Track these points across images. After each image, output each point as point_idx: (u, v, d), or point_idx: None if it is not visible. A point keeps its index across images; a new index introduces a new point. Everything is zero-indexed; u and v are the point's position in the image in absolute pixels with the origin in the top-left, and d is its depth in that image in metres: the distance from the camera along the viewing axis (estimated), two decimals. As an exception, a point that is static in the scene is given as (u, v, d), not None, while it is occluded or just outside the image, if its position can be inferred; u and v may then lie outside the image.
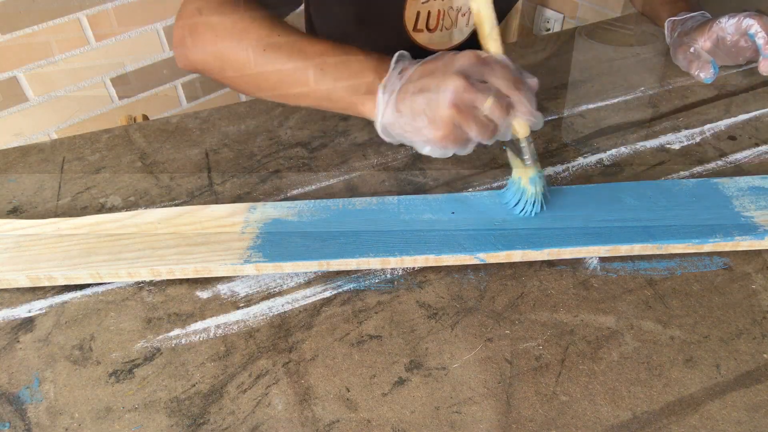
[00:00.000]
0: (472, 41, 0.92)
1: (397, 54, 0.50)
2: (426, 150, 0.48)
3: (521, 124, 0.48)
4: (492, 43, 0.48)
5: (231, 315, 0.47)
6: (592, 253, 0.50)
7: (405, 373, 0.43)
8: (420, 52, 0.90)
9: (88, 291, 0.50)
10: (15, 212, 0.58)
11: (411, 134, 0.48)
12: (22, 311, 0.48)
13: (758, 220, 0.51)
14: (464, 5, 0.84)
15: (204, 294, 0.49)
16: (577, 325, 0.46)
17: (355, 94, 0.50)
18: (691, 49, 0.72)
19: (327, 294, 0.49)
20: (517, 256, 0.50)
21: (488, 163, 0.62)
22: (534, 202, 0.52)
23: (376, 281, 0.50)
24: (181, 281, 0.50)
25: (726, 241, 0.50)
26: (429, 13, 0.82)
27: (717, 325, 0.46)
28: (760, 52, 0.69)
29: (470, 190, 0.58)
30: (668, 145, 0.64)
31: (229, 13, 0.54)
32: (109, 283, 0.50)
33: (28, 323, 0.47)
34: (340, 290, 0.49)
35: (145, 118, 0.90)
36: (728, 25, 0.70)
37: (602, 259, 0.51)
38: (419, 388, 0.42)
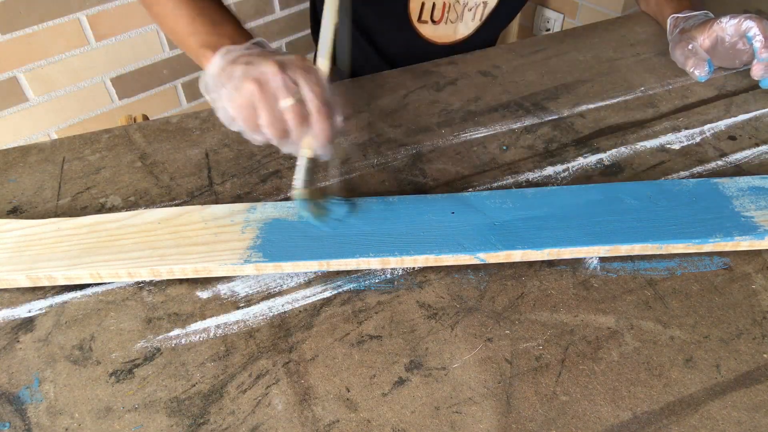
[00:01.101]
0: (478, 36, 0.91)
1: (256, 39, 0.54)
2: (223, 116, 0.50)
3: (308, 143, 0.49)
4: (322, 60, 0.50)
5: (231, 315, 0.47)
6: (592, 253, 0.50)
7: (405, 373, 0.43)
8: (424, 45, 0.90)
9: (88, 291, 0.50)
10: (15, 212, 0.58)
11: (218, 96, 0.50)
12: (22, 311, 0.48)
13: (758, 220, 0.51)
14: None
15: (204, 294, 0.49)
16: (577, 325, 0.46)
17: (205, 47, 0.54)
18: (689, 46, 0.72)
19: (327, 294, 0.49)
20: (517, 256, 0.50)
21: (488, 162, 0.62)
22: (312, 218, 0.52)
23: (376, 281, 0.50)
24: (181, 281, 0.50)
25: (726, 241, 0.50)
26: (434, 4, 0.82)
27: (717, 325, 0.46)
28: (756, 55, 0.69)
29: (470, 190, 0.58)
30: (668, 145, 0.64)
31: None
32: (109, 283, 0.50)
33: (28, 323, 0.47)
34: (340, 290, 0.49)
35: (145, 118, 0.90)
36: (728, 26, 0.70)
37: (602, 259, 0.51)
38: (419, 388, 0.42)
